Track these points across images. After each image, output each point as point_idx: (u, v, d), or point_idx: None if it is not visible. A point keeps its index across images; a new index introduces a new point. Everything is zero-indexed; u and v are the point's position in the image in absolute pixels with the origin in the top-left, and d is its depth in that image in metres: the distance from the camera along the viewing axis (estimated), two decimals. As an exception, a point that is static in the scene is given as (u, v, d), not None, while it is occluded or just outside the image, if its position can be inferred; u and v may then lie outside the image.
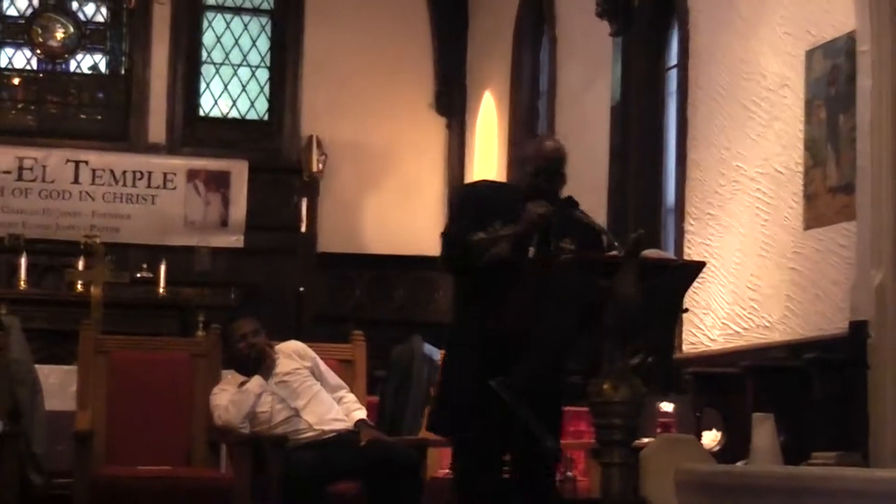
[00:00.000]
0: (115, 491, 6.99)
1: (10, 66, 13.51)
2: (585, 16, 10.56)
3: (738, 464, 6.37)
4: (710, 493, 4.06)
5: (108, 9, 13.80)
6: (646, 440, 6.85)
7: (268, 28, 14.05)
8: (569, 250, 5.49)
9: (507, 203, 5.70)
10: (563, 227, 5.60)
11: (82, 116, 13.59)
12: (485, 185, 6.13)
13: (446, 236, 5.77)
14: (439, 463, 7.69)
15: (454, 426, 5.81)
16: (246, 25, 14.01)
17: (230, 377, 7.43)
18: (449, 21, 13.87)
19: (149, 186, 13.19)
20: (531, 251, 5.53)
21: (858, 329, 7.19)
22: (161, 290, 12.26)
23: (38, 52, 13.49)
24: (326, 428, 7.20)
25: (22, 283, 12.09)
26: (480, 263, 5.55)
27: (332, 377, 7.49)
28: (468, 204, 5.84)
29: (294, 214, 13.50)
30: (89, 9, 13.77)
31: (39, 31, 13.47)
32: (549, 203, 5.59)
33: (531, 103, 12.35)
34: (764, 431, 6.23)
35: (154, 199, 13.20)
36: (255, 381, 7.27)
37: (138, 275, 12.33)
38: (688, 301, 5.45)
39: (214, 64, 13.93)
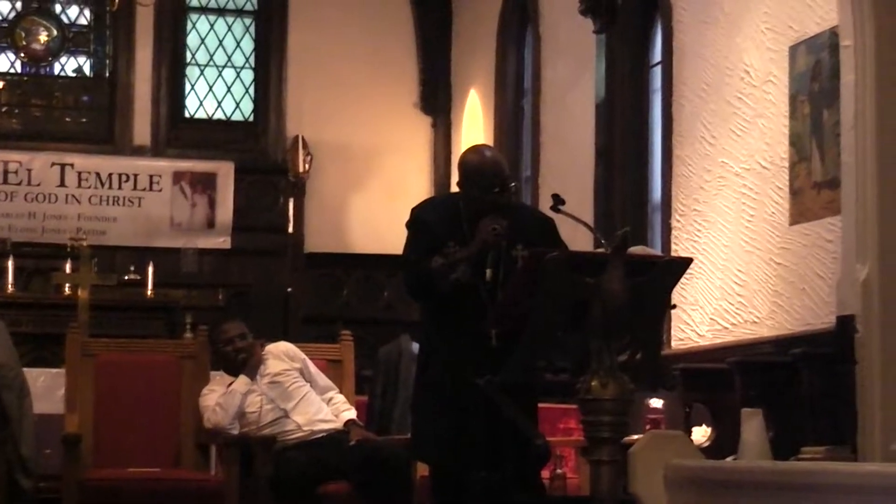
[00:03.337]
0: (104, 494, 6.99)
1: (-7, 70, 13.50)
2: (569, 13, 10.57)
3: (728, 459, 6.39)
4: (700, 488, 4.06)
5: (92, 11, 13.77)
6: (635, 437, 6.85)
7: (252, 29, 14.03)
8: (522, 257, 5.53)
9: (453, 219, 5.73)
10: (514, 235, 5.61)
11: (67, 119, 13.56)
12: (430, 206, 6.13)
13: (405, 266, 5.82)
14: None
15: (428, 454, 5.87)
16: (230, 27, 13.99)
17: (219, 378, 7.44)
18: (433, 19, 13.86)
19: (135, 189, 13.17)
20: (488, 273, 5.54)
21: (846, 324, 7.20)
22: (148, 293, 12.24)
23: (22, 55, 13.46)
24: (315, 429, 7.21)
25: (9, 286, 12.07)
26: (443, 290, 5.59)
27: (322, 378, 7.50)
28: (418, 229, 5.86)
29: (281, 215, 13.50)
30: (73, 11, 13.74)
31: (23, 34, 13.44)
32: (502, 215, 5.60)
33: (516, 101, 12.35)
34: (753, 427, 6.23)
35: (140, 202, 13.17)
36: (241, 381, 7.28)
37: (125, 277, 12.31)
38: (675, 297, 5.45)
39: (199, 65, 13.90)
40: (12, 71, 13.56)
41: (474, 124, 13.13)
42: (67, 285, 11.82)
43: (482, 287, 5.53)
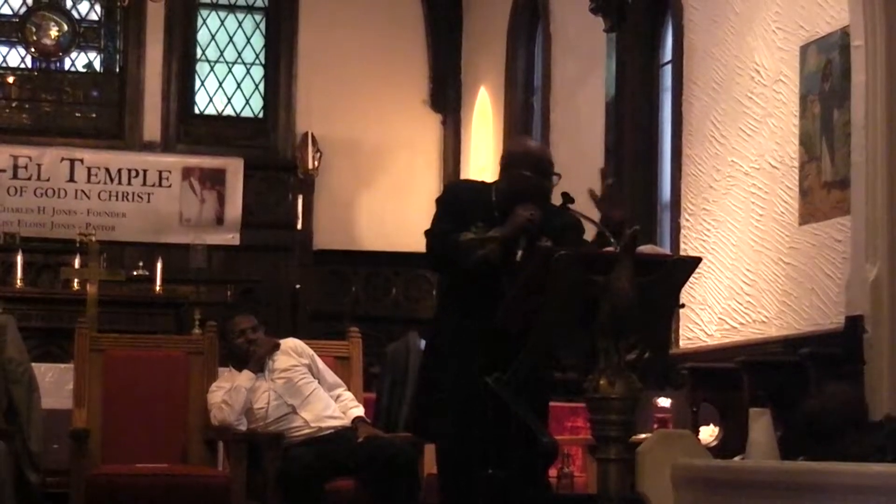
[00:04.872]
0: (112, 489, 6.98)
1: (4, 65, 13.49)
2: (579, 12, 10.57)
3: (735, 459, 6.38)
4: (708, 488, 4.06)
5: (103, 6, 13.79)
6: (642, 436, 6.85)
7: (262, 25, 14.04)
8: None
9: (485, 204, 5.72)
10: (542, 228, 5.61)
11: (77, 114, 13.59)
12: (465, 185, 6.15)
13: (432, 235, 5.79)
14: (435, 459, 7.68)
15: (434, 429, 5.84)
16: (240, 23, 14.00)
17: (227, 374, 7.45)
18: (443, 17, 13.87)
19: (144, 184, 13.19)
20: (520, 254, 5.53)
21: (854, 324, 7.20)
22: (157, 288, 12.24)
23: (33, 50, 13.48)
24: (323, 425, 7.21)
25: (18, 281, 12.07)
26: (468, 264, 5.57)
27: (330, 375, 7.50)
28: (450, 204, 5.86)
29: (289, 212, 13.50)
30: (83, 7, 13.76)
31: (33, 30, 13.45)
32: (542, 204, 5.60)
33: (526, 99, 12.35)
34: (761, 426, 6.22)
35: (149, 197, 13.18)
36: (244, 376, 7.29)
37: (134, 273, 12.31)
38: (684, 296, 5.44)
39: (209, 61, 13.92)
40: (23, 66, 13.58)
41: (484, 122, 13.13)
42: (76, 280, 11.82)
43: (505, 274, 5.48)
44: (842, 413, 4.83)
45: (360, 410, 7.40)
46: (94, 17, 13.81)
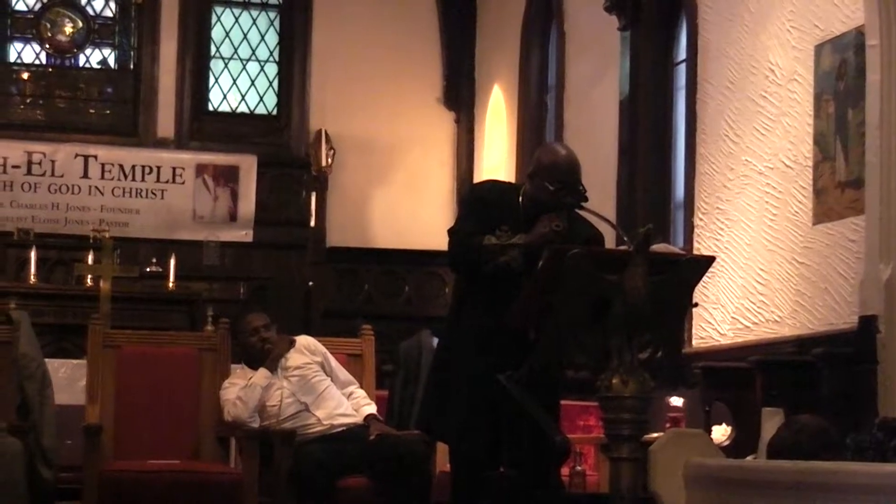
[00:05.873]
0: (124, 485, 6.99)
1: (19, 61, 13.53)
2: (594, 10, 10.57)
3: (748, 458, 6.37)
4: (720, 487, 4.06)
5: (117, 3, 13.81)
6: (655, 435, 6.84)
7: (276, 22, 14.06)
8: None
9: (512, 207, 5.70)
10: (567, 238, 5.59)
11: (91, 111, 13.61)
12: (491, 186, 6.11)
13: (455, 235, 5.76)
14: (448, 457, 7.68)
15: (445, 428, 5.83)
16: (254, 20, 14.02)
17: (240, 371, 7.45)
18: (457, 15, 13.87)
19: (157, 181, 13.21)
20: (540, 264, 5.51)
21: (867, 324, 7.18)
22: (170, 285, 12.25)
23: (47, 46, 13.51)
24: (335, 423, 7.22)
25: (31, 277, 12.09)
26: (488, 269, 5.57)
27: (342, 372, 7.51)
28: (475, 204, 5.84)
29: (303, 209, 13.52)
30: (98, 3, 13.78)
31: (48, 26, 13.49)
32: (566, 217, 5.57)
33: (539, 98, 12.35)
34: (774, 426, 6.22)
35: (163, 194, 13.20)
36: (261, 374, 7.29)
37: (147, 269, 12.33)
38: (697, 296, 5.43)
39: (223, 58, 13.93)
40: (37, 62, 13.61)
41: (498, 120, 13.13)
42: (90, 277, 11.83)
43: (527, 281, 5.48)
44: (815, 441, 4.86)
45: (372, 408, 7.41)
46: (108, 13, 13.83)
